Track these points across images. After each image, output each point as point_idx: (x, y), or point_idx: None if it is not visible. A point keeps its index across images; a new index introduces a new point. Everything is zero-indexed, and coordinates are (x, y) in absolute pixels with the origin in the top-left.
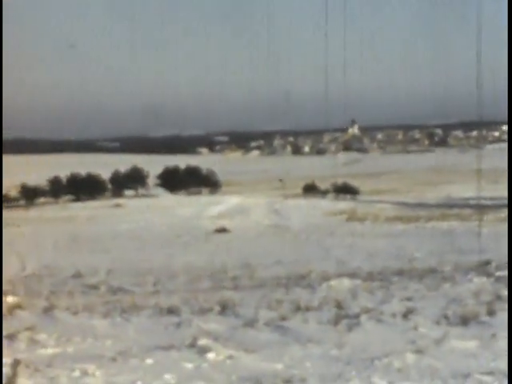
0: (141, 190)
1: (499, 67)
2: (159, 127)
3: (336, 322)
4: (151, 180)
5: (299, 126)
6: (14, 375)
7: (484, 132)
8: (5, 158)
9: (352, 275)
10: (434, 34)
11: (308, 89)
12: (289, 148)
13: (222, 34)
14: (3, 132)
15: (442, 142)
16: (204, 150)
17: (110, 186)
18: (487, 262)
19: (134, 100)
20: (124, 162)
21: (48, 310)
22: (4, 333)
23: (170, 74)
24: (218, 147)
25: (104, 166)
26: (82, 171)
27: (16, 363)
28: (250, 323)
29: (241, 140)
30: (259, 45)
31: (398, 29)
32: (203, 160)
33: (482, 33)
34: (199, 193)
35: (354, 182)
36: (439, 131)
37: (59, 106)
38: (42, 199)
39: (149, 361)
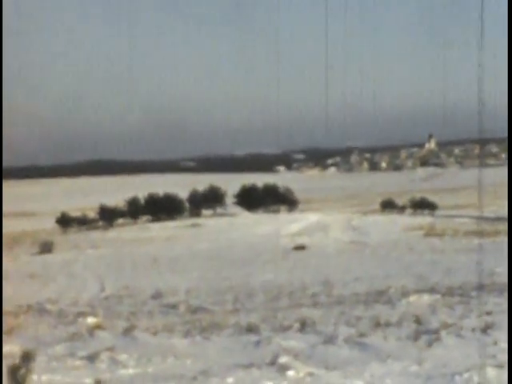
0: (219, 209)
1: None
2: (237, 146)
3: (416, 337)
4: (229, 199)
5: (375, 142)
6: None
7: None
8: (82, 179)
9: (431, 290)
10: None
11: (383, 105)
12: (365, 164)
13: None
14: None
15: None
16: (281, 168)
17: (187, 205)
18: None
19: (210, 120)
20: (201, 182)
21: (128, 331)
22: (85, 353)
23: (245, 96)
24: (295, 165)
25: (181, 185)
26: (160, 191)
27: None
28: (330, 340)
29: (317, 157)
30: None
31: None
32: (280, 178)
33: None
34: (277, 211)
35: (432, 197)
36: None
37: (135, 128)
38: (120, 220)
39: (230, 380)
